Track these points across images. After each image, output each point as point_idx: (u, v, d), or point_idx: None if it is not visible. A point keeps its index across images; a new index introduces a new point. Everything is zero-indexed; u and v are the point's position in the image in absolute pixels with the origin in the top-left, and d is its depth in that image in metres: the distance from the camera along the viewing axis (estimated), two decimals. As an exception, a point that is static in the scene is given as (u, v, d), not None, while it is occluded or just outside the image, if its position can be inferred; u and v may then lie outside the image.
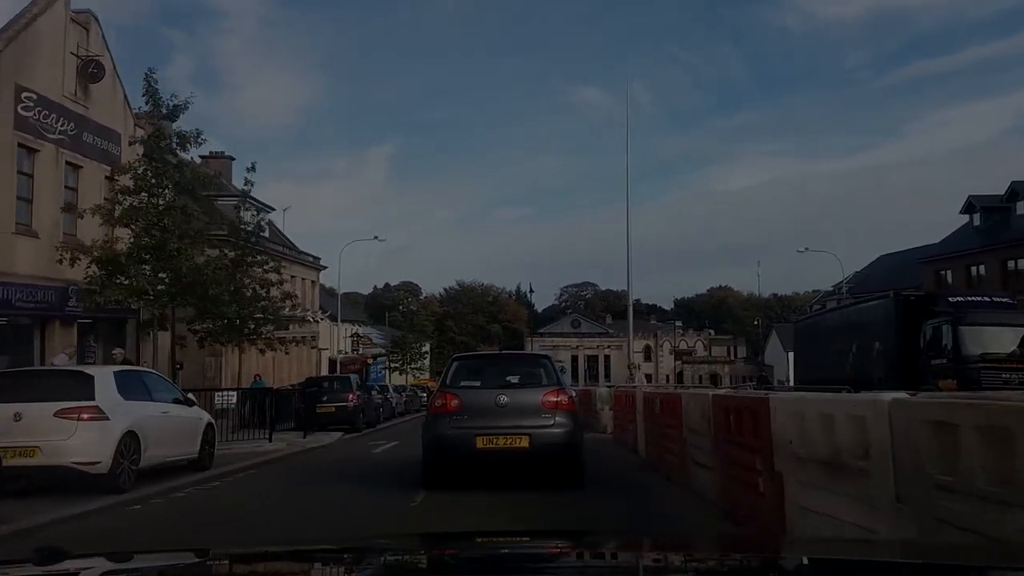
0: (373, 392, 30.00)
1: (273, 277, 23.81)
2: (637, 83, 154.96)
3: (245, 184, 24.36)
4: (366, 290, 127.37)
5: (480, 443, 9.78)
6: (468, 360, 12.21)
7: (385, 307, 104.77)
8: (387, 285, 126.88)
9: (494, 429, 9.86)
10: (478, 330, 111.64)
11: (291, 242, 47.69)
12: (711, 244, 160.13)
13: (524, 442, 9.85)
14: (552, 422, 10.05)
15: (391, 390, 37.33)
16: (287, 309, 26.51)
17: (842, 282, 56.23)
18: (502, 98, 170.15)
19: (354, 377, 27.11)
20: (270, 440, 17.87)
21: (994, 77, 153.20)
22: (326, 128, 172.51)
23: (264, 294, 23.65)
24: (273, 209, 43.74)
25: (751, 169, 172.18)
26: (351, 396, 23.74)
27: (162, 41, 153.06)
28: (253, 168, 23.76)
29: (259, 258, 23.19)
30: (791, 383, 69.18)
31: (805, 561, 2.16)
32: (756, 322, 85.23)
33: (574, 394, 11.72)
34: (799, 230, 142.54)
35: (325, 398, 23.57)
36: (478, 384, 10.70)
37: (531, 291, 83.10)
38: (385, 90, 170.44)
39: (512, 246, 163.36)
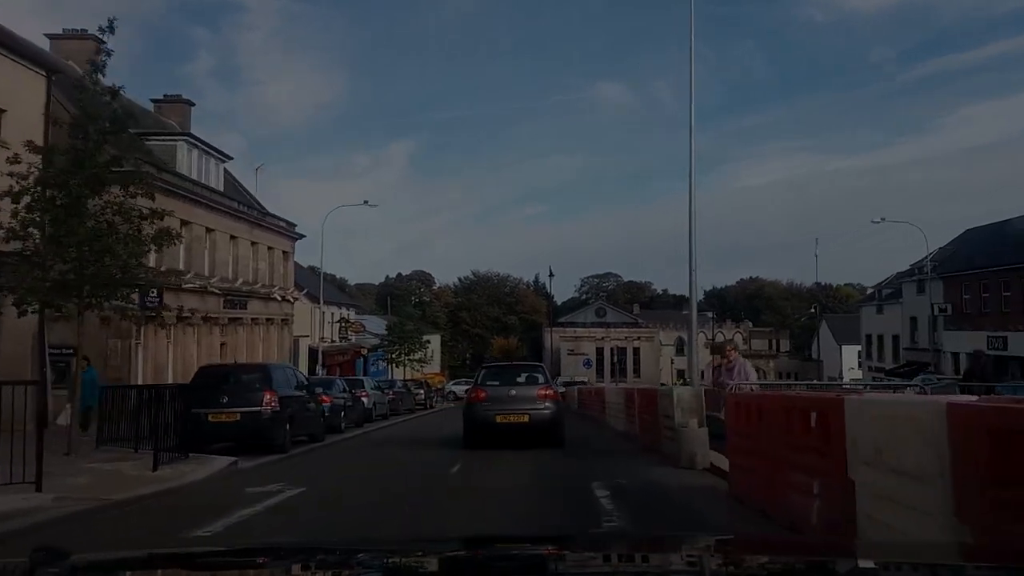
0: (327, 390, 21.04)
1: (144, 207, 14.90)
2: (659, 81, 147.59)
3: (98, 54, 15.51)
4: (378, 280, 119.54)
5: (499, 419, 14.99)
6: (492, 368, 18.65)
7: (396, 297, 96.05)
8: (399, 275, 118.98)
9: (507, 411, 15.07)
10: (493, 322, 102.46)
11: (259, 203, 38.91)
12: (735, 238, 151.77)
13: (526, 418, 15.04)
14: (544, 407, 15.20)
15: (369, 386, 28.27)
16: (153, 256, 17.04)
17: (925, 258, 46.74)
18: (520, 95, 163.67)
19: (280, 368, 18.05)
20: (38, 487, 8.94)
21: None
22: (344, 125, 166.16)
23: (134, 232, 14.76)
24: (230, 158, 34.96)
25: (772, 165, 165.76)
26: (267, 397, 14.80)
27: (184, 37, 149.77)
28: (111, 29, 14.94)
29: (112, 172, 14.25)
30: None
31: (808, 565, 2.14)
32: (813, 309, 75.62)
33: (563, 389, 21.42)
34: (820, 225, 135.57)
35: (224, 399, 14.70)
36: (498, 383, 16.03)
37: (551, 274, 73.68)
38: (404, 87, 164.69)
39: (530, 243, 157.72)
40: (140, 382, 23.64)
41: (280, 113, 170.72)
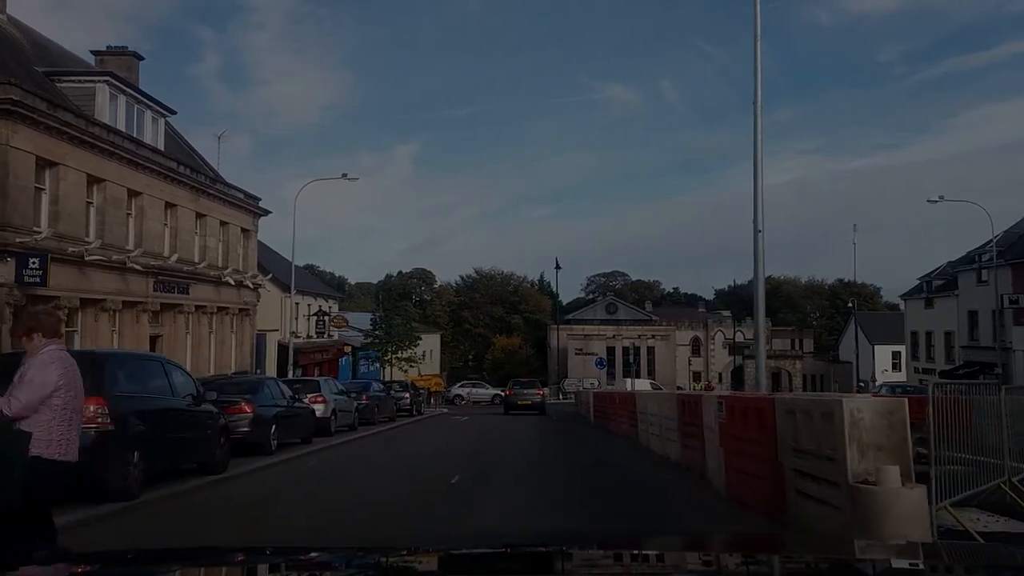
0: (252, 396, 15.00)
1: None
2: (665, 80, 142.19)
3: None
4: (378, 278, 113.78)
5: (519, 402, 39.23)
6: (515, 381, 44.08)
7: (387, 291, 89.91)
8: (400, 272, 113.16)
9: (522, 398, 39.64)
10: (497, 322, 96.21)
11: (214, 170, 32.88)
12: (747, 238, 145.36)
13: (530, 402, 39.27)
14: (538, 398, 39.97)
15: (328, 390, 22.07)
16: (46, 217, 11.20)
17: (991, 241, 40.41)
18: (528, 94, 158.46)
19: (134, 360, 11.69)
20: None
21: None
22: (348, 125, 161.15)
23: None
24: (173, 112, 28.93)
25: (785, 164, 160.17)
26: (91, 408, 8.68)
27: (191, 37, 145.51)
28: None
29: None
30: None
31: (810, 563, 2.13)
32: (850, 304, 69.39)
33: (547, 391, 47.54)
34: (831, 224, 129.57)
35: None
36: (518, 387, 41.92)
37: (557, 267, 67.70)
38: (411, 86, 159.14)
39: (534, 243, 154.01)
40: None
41: (285, 113, 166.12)
